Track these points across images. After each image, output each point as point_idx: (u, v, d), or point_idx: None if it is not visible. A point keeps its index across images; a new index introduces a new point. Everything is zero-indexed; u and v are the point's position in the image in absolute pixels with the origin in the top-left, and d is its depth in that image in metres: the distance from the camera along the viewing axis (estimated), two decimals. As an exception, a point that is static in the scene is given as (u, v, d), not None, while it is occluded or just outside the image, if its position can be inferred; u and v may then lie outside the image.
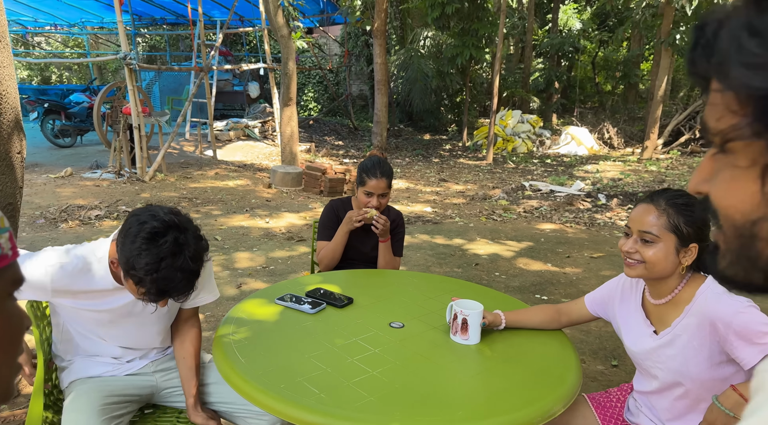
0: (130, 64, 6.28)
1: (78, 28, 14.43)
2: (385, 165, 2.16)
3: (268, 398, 1.20)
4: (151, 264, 1.22)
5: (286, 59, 7.46)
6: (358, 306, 1.72)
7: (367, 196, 2.14)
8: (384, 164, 2.16)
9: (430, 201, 7.03)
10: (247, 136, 10.44)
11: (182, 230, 1.28)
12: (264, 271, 4.02)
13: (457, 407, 1.21)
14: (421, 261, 4.49)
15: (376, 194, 2.13)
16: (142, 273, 1.23)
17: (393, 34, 15.10)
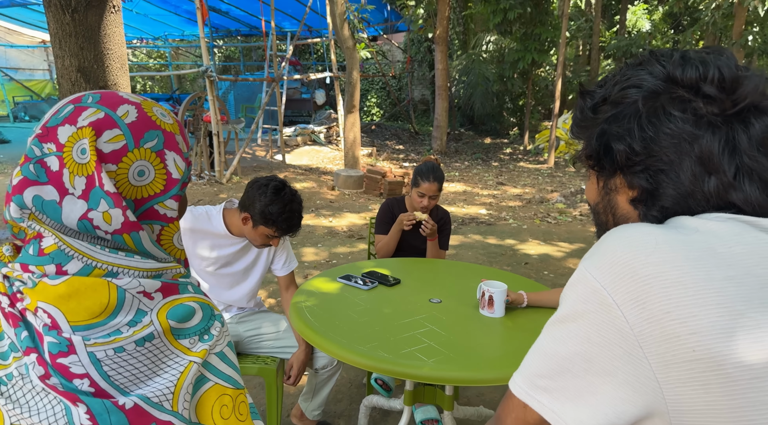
0: (210, 77, 6.92)
1: (161, 41, 15.66)
2: (438, 171, 2.47)
3: (330, 345, 1.57)
4: (281, 208, 1.79)
5: (351, 69, 7.92)
6: (405, 285, 2.06)
7: (420, 196, 2.47)
8: (437, 170, 2.47)
9: (486, 203, 7.25)
10: (313, 141, 11.03)
11: (289, 186, 1.87)
12: (327, 265, 4.44)
13: (480, 362, 1.52)
14: (472, 259, 4.76)
15: (428, 195, 2.46)
16: (276, 216, 1.79)
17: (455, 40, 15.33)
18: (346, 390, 2.61)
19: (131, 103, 0.69)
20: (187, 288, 0.70)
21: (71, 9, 2.40)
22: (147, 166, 0.68)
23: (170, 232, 0.71)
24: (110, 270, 0.64)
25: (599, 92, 0.68)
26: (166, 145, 0.70)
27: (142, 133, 0.68)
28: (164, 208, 0.70)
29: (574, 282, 0.61)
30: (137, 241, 0.66)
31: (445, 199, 7.49)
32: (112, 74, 2.60)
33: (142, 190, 0.68)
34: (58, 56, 2.50)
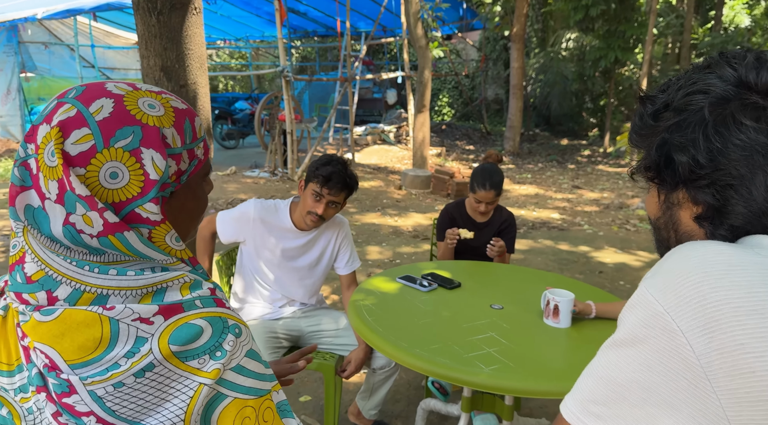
0: (286, 76, 7.13)
1: (243, 42, 16.34)
2: (496, 176, 2.36)
3: (387, 345, 1.55)
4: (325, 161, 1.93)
5: (422, 68, 7.89)
6: (465, 289, 2.00)
7: (476, 202, 2.40)
8: (494, 175, 2.36)
9: (560, 208, 6.99)
10: (383, 141, 11.10)
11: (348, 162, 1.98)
12: (391, 264, 4.44)
13: (541, 373, 1.45)
14: (542, 265, 4.60)
15: (484, 202, 2.39)
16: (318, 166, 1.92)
17: (533, 37, 14.91)
18: (405, 391, 2.59)
19: (112, 95, 0.63)
20: (194, 304, 0.62)
21: (157, 11, 2.53)
22: (119, 168, 0.61)
23: (160, 233, 0.64)
24: (100, 294, 0.59)
25: (661, 97, 0.63)
26: (144, 142, 0.62)
27: (113, 130, 0.61)
28: (145, 212, 0.62)
29: (633, 303, 0.56)
30: (125, 243, 0.61)
31: (515, 201, 7.30)
32: (192, 73, 2.72)
33: (117, 193, 0.61)
34: (144, 56, 2.65)
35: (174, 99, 0.69)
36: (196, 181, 0.72)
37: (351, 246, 2.14)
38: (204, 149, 0.72)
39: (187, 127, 0.68)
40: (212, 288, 0.66)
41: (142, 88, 0.67)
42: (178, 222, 0.70)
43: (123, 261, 0.62)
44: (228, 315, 0.65)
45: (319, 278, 2.13)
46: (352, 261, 2.14)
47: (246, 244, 2.06)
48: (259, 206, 2.02)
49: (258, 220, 2.01)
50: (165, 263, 0.65)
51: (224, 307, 0.65)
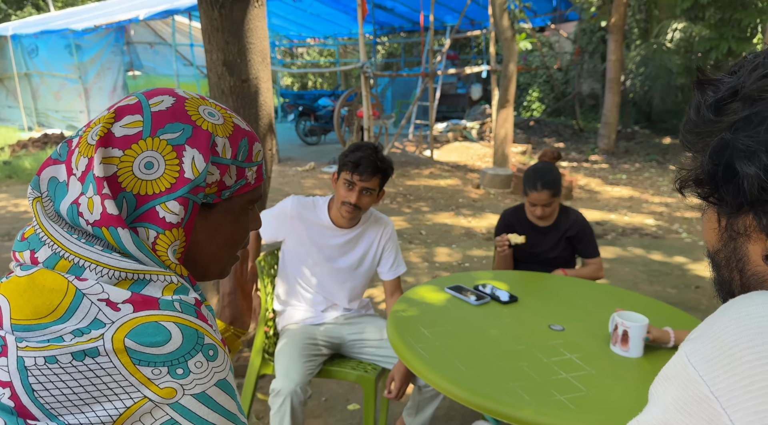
0: (365, 73, 7.09)
1: (331, 39, 16.63)
2: (549, 175, 2.12)
3: (422, 367, 1.39)
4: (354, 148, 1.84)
5: (507, 61, 7.54)
6: (522, 304, 1.78)
7: (531, 205, 2.17)
8: (547, 174, 2.12)
9: (655, 213, 6.39)
10: (464, 137, 10.79)
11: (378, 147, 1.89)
12: (459, 267, 4.23)
13: (603, 411, 1.23)
14: (629, 276, 4.18)
15: (539, 205, 2.14)
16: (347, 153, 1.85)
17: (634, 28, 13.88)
18: (460, 408, 2.40)
19: (176, 95, 0.64)
20: (171, 305, 0.55)
21: (219, 4, 2.52)
22: (157, 159, 0.59)
23: (165, 242, 0.60)
24: (76, 263, 0.56)
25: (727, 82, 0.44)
26: (191, 141, 0.61)
27: (163, 122, 0.60)
28: (165, 210, 0.59)
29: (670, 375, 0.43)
30: (117, 239, 0.57)
31: (605, 204, 6.77)
32: (254, 67, 2.69)
33: (147, 185, 0.59)
34: (208, 50, 2.65)
35: (240, 120, 0.68)
36: (241, 205, 0.68)
37: (396, 249, 2.00)
38: (257, 175, 0.69)
39: (242, 145, 0.66)
40: (199, 299, 0.59)
41: (211, 100, 0.67)
42: (210, 243, 0.66)
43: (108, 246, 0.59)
44: (207, 332, 0.57)
45: (361, 281, 2.00)
46: (396, 265, 1.99)
47: (286, 244, 1.98)
48: (297, 203, 1.95)
49: (296, 217, 1.94)
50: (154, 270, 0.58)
51: (205, 322, 0.58)
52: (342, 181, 1.84)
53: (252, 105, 2.71)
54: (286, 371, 1.70)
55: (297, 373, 1.68)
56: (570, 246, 2.28)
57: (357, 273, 1.98)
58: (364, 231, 1.96)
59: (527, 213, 2.27)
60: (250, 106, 2.70)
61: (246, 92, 2.68)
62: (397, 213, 5.89)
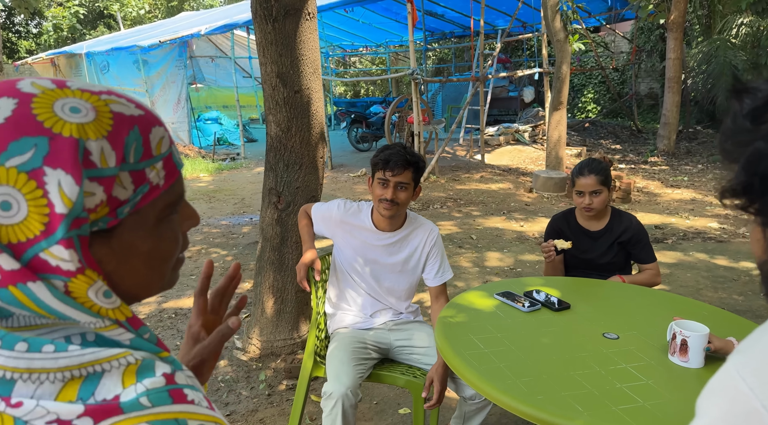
0: (416, 79, 7.12)
1: (383, 47, 16.77)
2: (595, 162, 2.14)
3: (471, 374, 1.40)
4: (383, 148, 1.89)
5: (560, 63, 7.38)
6: (575, 312, 1.75)
7: (579, 195, 2.13)
8: (594, 162, 2.14)
9: (719, 216, 6.07)
10: (516, 141, 10.62)
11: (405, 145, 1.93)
12: (511, 272, 4.17)
13: (657, 422, 1.19)
14: (692, 282, 4.00)
15: (587, 192, 2.10)
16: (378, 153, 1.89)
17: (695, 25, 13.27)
18: (512, 416, 2.37)
19: (19, 94, 0.46)
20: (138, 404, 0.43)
21: (272, 18, 2.61)
22: (13, 196, 0.44)
23: (80, 286, 0.46)
24: (2, 377, 0.43)
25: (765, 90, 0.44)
26: (50, 160, 0.45)
27: (5, 143, 0.44)
28: (54, 258, 0.45)
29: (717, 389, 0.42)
30: (33, 298, 0.44)
31: (666, 207, 6.50)
32: (306, 79, 2.77)
33: (13, 230, 0.44)
34: (262, 63, 2.75)
35: (124, 102, 0.50)
36: (155, 215, 0.52)
37: (441, 256, 2.00)
38: (166, 170, 0.52)
39: (131, 140, 0.49)
40: (168, 372, 0.47)
41: (73, 86, 0.49)
42: (127, 271, 0.51)
43: (38, 325, 0.45)
44: (188, 415, 0.45)
45: (407, 283, 2.02)
46: (442, 272, 1.99)
47: (336, 247, 2.05)
48: (342, 208, 2.01)
49: (341, 222, 2.00)
50: (95, 327, 0.46)
51: (184, 403, 0.46)
52: (376, 181, 1.89)
53: (304, 114, 2.79)
54: (336, 375, 1.74)
55: (347, 377, 1.72)
56: (624, 252, 2.22)
57: (402, 275, 1.99)
58: (408, 235, 1.98)
59: (578, 216, 2.23)
60: (303, 115, 2.78)
61: (299, 102, 2.76)
62: (447, 217, 5.87)
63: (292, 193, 2.85)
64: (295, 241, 2.88)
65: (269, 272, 2.93)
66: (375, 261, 1.97)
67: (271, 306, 2.95)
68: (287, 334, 2.93)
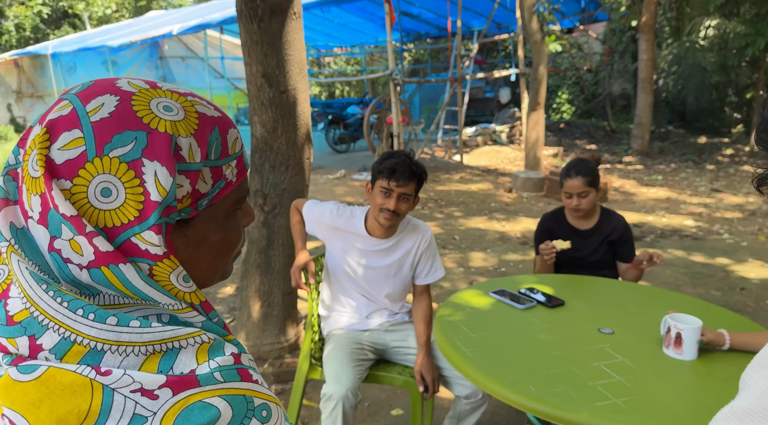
0: (395, 80, 7.13)
1: (358, 48, 16.77)
2: (583, 164, 2.15)
3: (470, 369, 1.40)
4: (387, 156, 1.85)
5: (537, 64, 7.49)
6: (569, 308, 1.77)
7: (567, 197, 2.15)
8: (582, 163, 2.16)
9: (695, 214, 6.23)
10: (494, 141, 10.73)
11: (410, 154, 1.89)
12: (495, 272, 4.21)
13: (659, 414, 1.21)
14: (671, 279, 4.09)
15: (575, 194, 2.13)
16: (381, 161, 1.84)
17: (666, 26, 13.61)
18: (505, 414, 2.39)
19: (119, 92, 0.51)
20: (212, 378, 0.48)
21: (258, 18, 2.58)
22: (113, 183, 0.49)
23: (164, 271, 0.51)
24: (93, 348, 0.47)
25: None
26: (148, 153, 0.49)
27: (110, 135, 0.49)
28: (144, 243, 0.49)
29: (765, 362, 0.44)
30: (122, 278, 0.48)
31: (642, 206, 6.64)
32: (292, 79, 2.75)
33: (110, 215, 0.49)
34: (247, 63, 2.72)
35: (205, 104, 0.55)
36: (225, 209, 0.57)
37: (434, 256, 1.99)
38: (238, 169, 0.57)
39: (214, 139, 0.54)
40: (236, 353, 0.52)
41: (164, 87, 0.55)
42: (198, 259, 0.57)
43: (122, 304, 0.50)
44: (254, 393, 0.51)
45: (400, 285, 2.01)
46: (433, 271, 1.99)
47: (328, 249, 2.03)
48: (335, 213, 1.97)
49: (332, 228, 1.97)
50: (172, 309, 0.51)
51: (250, 381, 0.51)
52: (378, 189, 1.84)
53: (290, 115, 2.76)
54: (336, 376, 1.72)
55: (347, 378, 1.71)
56: (612, 250, 2.26)
57: (396, 278, 1.98)
58: (400, 240, 1.96)
59: (568, 216, 2.26)
60: (289, 116, 2.76)
61: (285, 103, 2.73)
62: (429, 218, 5.90)
63: (278, 195, 2.82)
64: (281, 243, 2.85)
65: (255, 275, 2.89)
66: (368, 265, 1.95)
67: (258, 309, 2.91)
68: (274, 338, 2.90)
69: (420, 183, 1.86)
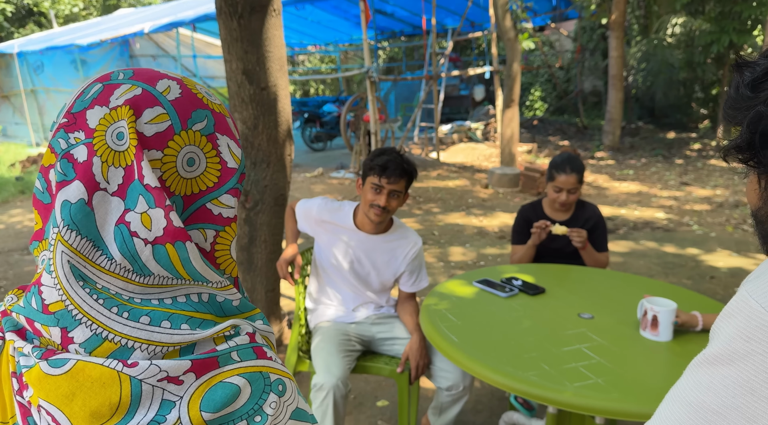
0: (371, 77, 7.16)
1: (332, 46, 16.73)
2: (576, 161, 2.21)
3: (458, 354, 1.44)
4: (378, 153, 1.88)
5: (511, 61, 7.59)
6: (550, 295, 1.83)
7: (556, 191, 2.21)
8: (575, 160, 2.21)
9: (665, 207, 6.42)
10: (469, 138, 10.84)
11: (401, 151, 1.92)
12: (474, 266, 4.28)
13: (637, 392, 1.27)
14: (644, 269, 4.22)
15: (565, 189, 2.18)
16: (372, 158, 1.86)
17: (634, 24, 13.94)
18: (487, 401, 2.44)
19: (171, 78, 0.57)
20: (230, 358, 0.52)
21: (238, 15, 2.58)
22: (197, 153, 0.55)
23: (227, 239, 0.57)
24: (124, 345, 0.50)
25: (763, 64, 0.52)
26: (218, 128, 0.57)
27: (189, 112, 0.55)
28: (219, 206, 0.56)
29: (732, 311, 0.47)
30: (183, 256, 0.52)
31: (614, 199, 6.81)
32: (273, 75, 2.75)
33: (192, 183, 0.54)
34: (227, 60, 2.71)
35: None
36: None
37: (420, 267, 2.03)
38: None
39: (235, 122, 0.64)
40: (251, 332, 0.55)
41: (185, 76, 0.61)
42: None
43: (171, 285, 0.53)
44: (270, 369, 0.54)
45: (388, 281, 2.04)
46: (418, 281, 2.03)
47: (316, 242, 2.05)
48: (323, 207, 2.01)
49: (320, 221, 2.00)
50: (217, 286, 0.55)
51: (265, 358, 0.55)
52: (369, 185, 1.87)
53: (271, 111, 2.77)
54: (326, 366, 1.75)
55: (337, 368, 1.73)
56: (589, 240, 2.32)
57: (382, 274, 2.01)
58: (389, 242, 1.99)
59: (546, 207, 2.32)
60: (270, 112, 2.76)
61: (265, 100, 2.74)
62: (407, 215, 5.95)
63: (260, 192, 2.82)
64: (263, 240, 2.86)
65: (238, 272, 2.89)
66: (355, 259, 1.98)
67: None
68: None
69: (410, 180, 1.89)
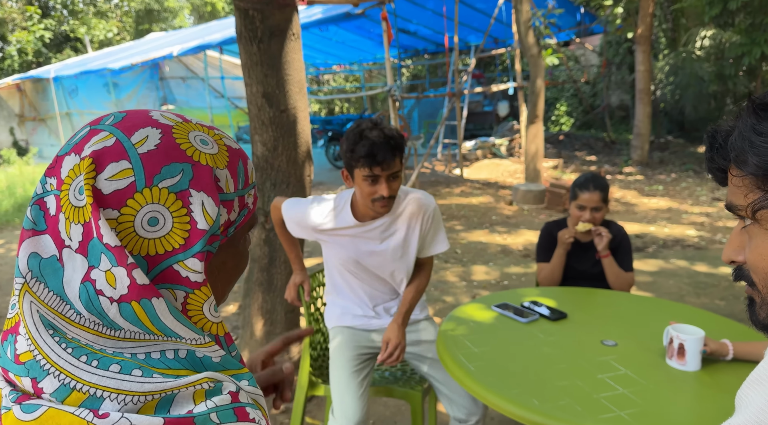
0: (393, 96, 7.19)
1: (356, 65, 16.93)
2: (600, 179, 2.16)
3: (473, 384, 1.40)
4: (355, 136, 1.61)
5: (535, 77, 7.55)
6: (572, 321, 1.77)
7: (579, 209, 2.15)
8: (598, 178, 2.17)
9: (696, 223, 6.23)
10: (493, 155, 10.77)
11: (377, 122, 1.65)
12: (498, 286, 4.20)
13: None
14: (674, 289, 4.08)
15: (589, 208, 2.13)
16: (352, 147, 1.60)
17: (661, 37, 13.75)
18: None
19: (159, 125, 0.53)
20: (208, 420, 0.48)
21: (257, 39, 2.62)
22: (161, 212, 0.50)
23: (198, 301, 0.52)
24: (93, 394, 0.47)
25: None
26: (194, 184, 0.52)
27: (158, 166, 0.50)
28: (186, 270, 0.51)
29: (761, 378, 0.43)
30: (151, 313, 0.49)
31: (643, 216, 6.64)
32: (292, 98, 2.78)
33: (155, 244, 0.50)
34: (247, 84, 2.75)
35: (226, 136, 0.59)
36: (241, 235, 0.60)
37: (439, 230, 1.84)
38: (254, 197, 0.61)
39: (240, 170, 0.57)
40: (234, 391, 0.51)
41: (193, 120, 0.57)
42: (214, 286, 0.58)
43: (143, 340, 0.50)
44: None
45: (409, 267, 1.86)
46: (436, 244, 1.84)
47: (323, 246, 1.91)
48: (318, 215, 1.79)
49: (320, 231, 1.81)
50: (194, 343, 0.51)
51: (246, 421, 0.51)
52: (361, 179, 1.62)
53: (291, 133, 2.79)
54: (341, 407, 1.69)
55: (353, 411, 1.68)
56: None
57: (402, 260, 1.83)
58: (398, 218, 1.78)
59: (569, 224, 2.27)
60: (289, 134, 2.79)
61: (285, 122, 2.77)
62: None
63: (280, 212, 2.84)
64: (284, 261, 2.86)
65: (258, 293, 2.90)
66: (369, 252, 1.79)
67: (261, 327, 2.91)
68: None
69: (402, 151, 1.65)
